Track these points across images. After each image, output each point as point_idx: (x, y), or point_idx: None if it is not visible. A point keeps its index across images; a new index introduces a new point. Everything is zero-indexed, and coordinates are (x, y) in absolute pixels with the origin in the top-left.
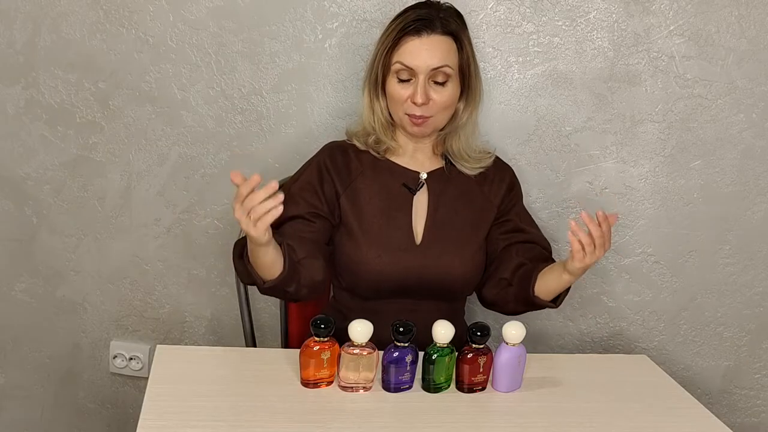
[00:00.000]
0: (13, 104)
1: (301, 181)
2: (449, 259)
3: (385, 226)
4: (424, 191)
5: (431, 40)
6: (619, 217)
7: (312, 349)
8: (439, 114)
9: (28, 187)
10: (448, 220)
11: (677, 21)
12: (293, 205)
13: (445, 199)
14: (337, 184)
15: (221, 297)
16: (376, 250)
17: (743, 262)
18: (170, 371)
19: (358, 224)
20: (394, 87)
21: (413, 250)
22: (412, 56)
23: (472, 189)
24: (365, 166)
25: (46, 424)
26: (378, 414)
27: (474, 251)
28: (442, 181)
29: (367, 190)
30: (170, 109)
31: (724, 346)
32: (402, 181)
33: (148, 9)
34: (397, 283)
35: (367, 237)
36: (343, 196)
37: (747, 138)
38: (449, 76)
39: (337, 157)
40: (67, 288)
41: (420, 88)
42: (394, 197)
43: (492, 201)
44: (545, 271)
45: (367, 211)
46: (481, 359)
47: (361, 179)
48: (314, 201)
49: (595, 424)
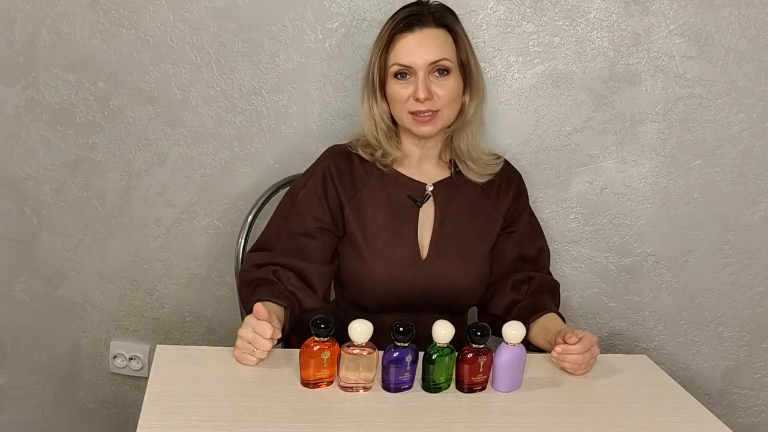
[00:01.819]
0: (13, 104)
1: (307, 190)
2: (455, 274)
3: (390, 240)
4: (431, 203)
5: (424, 34)
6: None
7: (312, 349)
8: (445, 108)
9: (28, 187)
10: (454, 233)
11: (677, 21)
12: (299, 219)
13: (452, 211)
14: (342, 194)
15: (221, 297)
16: (381, 265)
17: (743, 262)
18: (170, 371)
19: (362, 237)
20: (394, 88)
21: (419, 265)
22: (408, 53)
23: (478, 199)
24: (370, 176)
25: (46, 424)
26: (378, 414)
27: (480, 265)
28: (449, 192)
29: (372, 202)
30: (170, 109)
31: (724, 346)
32: (407, 193)
33: (148, 9)
34: (401, 297)
35: (371, 251)
36: (347, 208)
37: (747, 138)
38: (449, 69)
39: (341, 164)
40: (67, 288)
41: (421, 83)
42: (399, 209)
43: (498, 210)
44: (539, 326)
45: (371, 223)
46: (481, 359)
47: (366, 190)
48: (320, 214)
49: (595, 424)
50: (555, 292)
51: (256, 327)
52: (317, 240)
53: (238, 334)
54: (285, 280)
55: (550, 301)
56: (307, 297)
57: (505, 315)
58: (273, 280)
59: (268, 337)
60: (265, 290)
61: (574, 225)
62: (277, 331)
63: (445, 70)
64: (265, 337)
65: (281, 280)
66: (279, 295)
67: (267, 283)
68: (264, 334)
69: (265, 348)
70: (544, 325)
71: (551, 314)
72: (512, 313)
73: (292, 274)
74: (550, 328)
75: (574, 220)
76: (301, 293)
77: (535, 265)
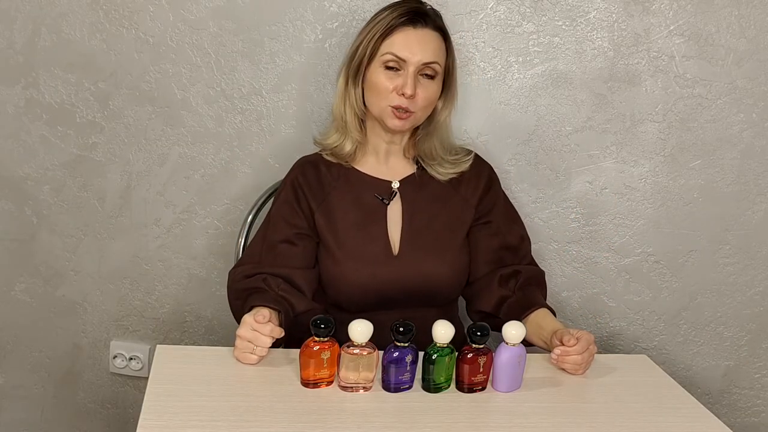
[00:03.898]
0: (13, 104)
1: (280, 201)
2: (429, 266)
3: (360, 240)
4: (398, 199)
5: (425, 33)
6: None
7: (312, 349)
8: (420, 111)
9: (28, 187)
10: (424, 227)
11: (677, 21)
12: (278, 228)
13: (420, 205)
14: (311, 200)
15: (221, 297)
16: (354, 264)
17: (743, 262)
18: (170, 371)
19: (333, 239)
20: (378, 76)
21: (391, 262)
22: (406, 47)
23: (446, 191)
24: (337, 180)
25: (46, 424)
26: (378, 414)
27: (455, 255)
28: (415, 187)
29: (341, 204)
30: (170, 109)
31: (724, 346)
32: (374, 192)
33: (148, 9)
34: (378, 295)
35: (343, 251)
36: (317, 213)
37: (747, 138)
38: (437, 74)
39: (308, 173)
40: (67, 288)
41: (410, 80)
42: (367, 209)
43: (469, 201)
44: (532, 323)
45: (341, 225)
46: (481, 359)
47: (334, 193)
48: (296, 221)
49: (595, 424)
50: (542, 282)
51: (254, 325)
52: (297, 246)
53: (237, 334)
54: (275, 286)
55: (539, 294)
56: (298, 300)
57: (494, 312)
58: (264, 287)
59: (267, 333)
60: (257, 298)
61: (574, 225)
62: (276, 329)
63: (433, 74)
64: (264, 334)
65: (271, 286)
66: (272, 300)
67: (258, 291)
68: (263, 331)
69: (265, 345)
70: (537, 322)
71: (542, 310)
72: (502, 309)
73: (281, 280)
74: (544, 326)
75: (574, 220)
76: (293, 297)
77: (517, 255)
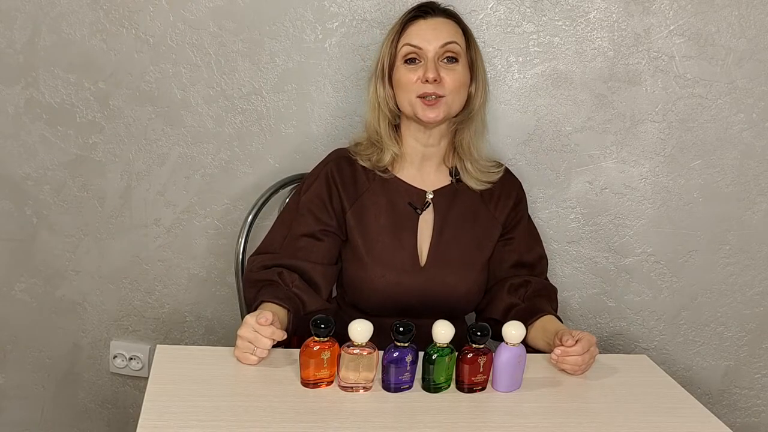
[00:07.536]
0: (13, 104)
1: (311, 193)
2: (453, 281)
3: (390, 246)
4: (430, 210)
5: (437, 20)
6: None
7: (312, 349)
8: (451, 95)
9: (28, 187)
10: (453, 240)
11: (677, 21)
12: (303, 221)
13: (451, 219)
14: (344, 198)
15: (221, 297)
16: (381, 270)
17: (743, 262)
18: (170, 371)
19: (363, 242)
20: (402, 72)
21: (417, 272)
22: (419, 36)
23: (478, 206)
24: (372, 182)
25: (46, 424)
26: (378, 414)
27: (477, 272)
28: (449, 200)
29: (373, 207)
30: (170, 109)
31: (724, 346)
32: (408, 200)
33: (148, 9)
34: (400, 302)
35: (371, 256)
36: (349, 212)
37: (747, 138)
38: (458, 56)
39: (344, 169)
40: (67, 288)
41: (431, 64)
42: (399, 216)
43: (497, 218)
44: (538, 328)
45: (372, 229)
46: (481, 359)
47: (368, 195)
48: (324, 217)
49: (595, 424)
50: (553, 296)
51: (255, 326)
52: (322, 241)
53: (238, 334)
54: (290, 282)
55: (548, 304)
56: (311, 299)
57: (503, 319)
58: (277, 282)
59: (268, 336)
60: (269, 292)
61: (574, 225)
62: (277, 331)
63: (454, 57)
64: (264, 336)
65: (286, 282)
66: (283, 297)
67: (271, 285)
68: (264, 333)
69: (265, 347)
70: (542, 326)
71: (549, 316)
72: (510, 316)
73: (296, 276)
74: (549, 329)
75: (574, 220)
76: (306, 295)
77: (533, 272)
